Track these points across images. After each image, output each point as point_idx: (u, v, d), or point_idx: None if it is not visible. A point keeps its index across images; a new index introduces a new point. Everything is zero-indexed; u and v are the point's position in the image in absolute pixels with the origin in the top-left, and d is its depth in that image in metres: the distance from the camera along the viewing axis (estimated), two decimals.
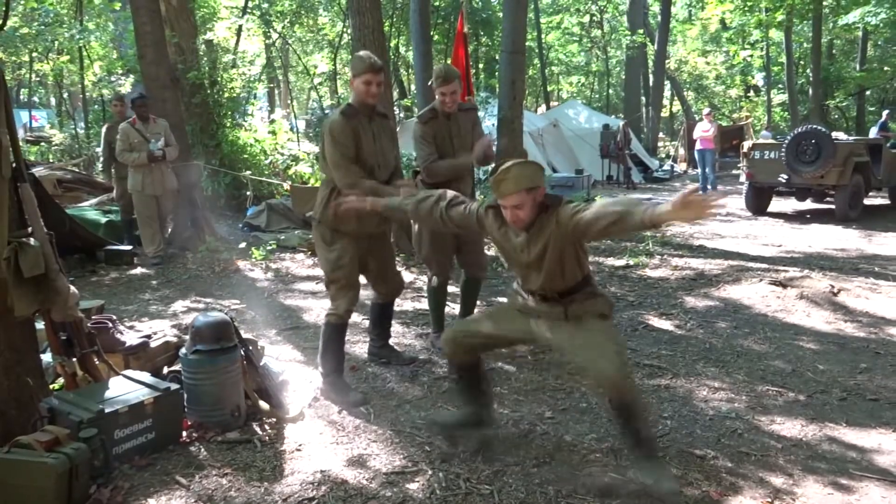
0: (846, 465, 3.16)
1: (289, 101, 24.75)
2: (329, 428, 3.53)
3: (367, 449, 3.30)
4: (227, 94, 11.08)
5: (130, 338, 3.83)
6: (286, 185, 10.15)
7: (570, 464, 3.14)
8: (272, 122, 14.09)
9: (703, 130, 14.12)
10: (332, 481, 2.99)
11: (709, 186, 14.30)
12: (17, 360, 3.15)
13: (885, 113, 19.39)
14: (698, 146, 14.31)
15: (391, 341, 4.55)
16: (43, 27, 15.48)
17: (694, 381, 4.17)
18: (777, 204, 11.90)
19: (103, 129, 8.43)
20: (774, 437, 3.43)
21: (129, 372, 3.51)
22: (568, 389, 4.01)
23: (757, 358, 4.57)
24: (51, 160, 14.64)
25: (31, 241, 3.13)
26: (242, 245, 7.95)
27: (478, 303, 4.89)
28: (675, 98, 30.79)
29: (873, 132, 18.17)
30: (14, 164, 3.11)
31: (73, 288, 3.30)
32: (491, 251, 7.35)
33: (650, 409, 3.14)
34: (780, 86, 27.35)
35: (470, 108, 4.55)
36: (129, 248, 7.65)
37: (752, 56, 27.28)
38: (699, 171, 14.76)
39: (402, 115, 16.52)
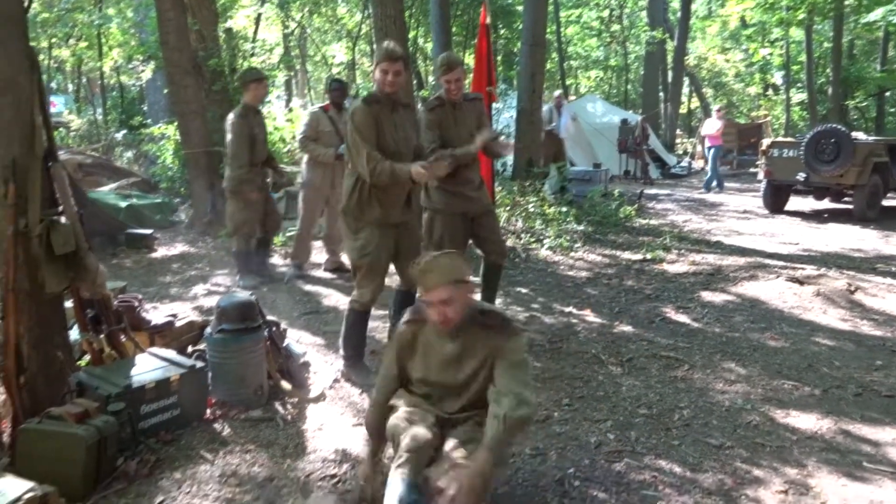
0: (860, 458, 3.18)
1: (306, 91, 24.83)
2: (349, 409, 3.59)
3: None
4: None
5: (156, 317, 3.90)
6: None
7: (588, 450, 3.18)
8: (290, 110, 14.15)
9: (713, 127, 14.05)
10: (353, 460, 3.05)
11: (714, 183, 14.15)
12: (47, 336, 3.21)
13: None
14: (707, 143, 14.23)
15: None
16: (63, 12, 15.59)
17: (710, 373, 4.19)
18: (794, 202, 11.84)
19: (236, 116, 5.81)
20: (789, 430, 3.46)
21: (154, 349, 3.58)
22: (586, 378, 4.05)
23: (773, 353, 4.58)
24: (70, 145, 14.77)
25: (62, 219, 3.20)
26: None
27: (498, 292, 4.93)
28: (694, 95, 30.63)
29: None
30: (46, 145, 3.18)
31: (101, 266, 3.37)
32: (509, 241, 7.39)
33: None
34: (799, 85, 27.14)
35: (475, 97, 4.59)
36: (149, 231, 7.72)
37: (771, 54, 27.09)
38: (710, 166, 14.55)
39: (420, 106, 16.55)
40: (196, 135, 8.38)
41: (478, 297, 4.86)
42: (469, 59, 13.35)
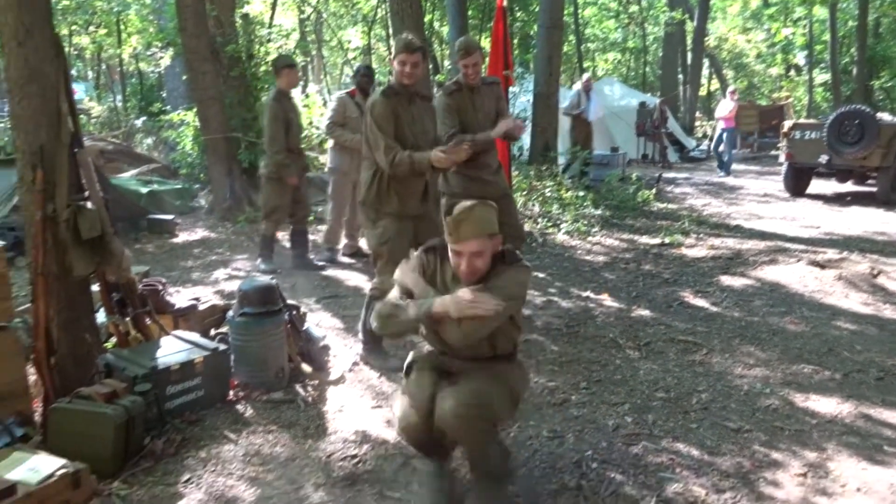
0: (881, 442, 3.18)
1: (322, 76, 24.83)
2: (369, 391, 3.64)
3: None
4: (263, 68, 11.18)
5: (179, 300, 3.97)
6: (321, 159, 10.25)
7: (606, 432, 3.21)
8: (306, 96, 14.17)
9: (726, 108, 13.83)
10: (373, 441, 3.10)
11: (727, 168, 13.93)
12: (75, 318, 3.30)
13: None
14: (722, 125, 13.99)
15: None
16: (83, 0, 15.68)
17: (729, 357, 4.19)
18: (816, 185, 11.70)
19: (270, 100, 5.84)
20: (809, 414, 3.46)
21: (178, 332, 3.65)
22: (603, 362, 4.07)
23: (793, 337, 4.56)
24: (91, 132, 14.92)
25: (89, 204, 3.27)
26: None
27: None
28: (714, 76, 30.24)
29: None
30: (72, 131, 3.23)
31: (126, 250, 3.43)
32: (526, 226, 7.39)
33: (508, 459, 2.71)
34: (822, 65, 26.71)
35: (493, 81, 4.61)
36: (170, 217, 7.81)
37: (794, 34, 26.64)
38: (725, 149, 14.27)
39: (435, 90, 16.49)
40: (215, 121, 8.45)
41: None
42: (485, 43, 13.29)
